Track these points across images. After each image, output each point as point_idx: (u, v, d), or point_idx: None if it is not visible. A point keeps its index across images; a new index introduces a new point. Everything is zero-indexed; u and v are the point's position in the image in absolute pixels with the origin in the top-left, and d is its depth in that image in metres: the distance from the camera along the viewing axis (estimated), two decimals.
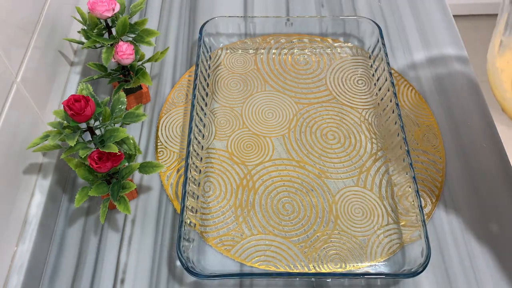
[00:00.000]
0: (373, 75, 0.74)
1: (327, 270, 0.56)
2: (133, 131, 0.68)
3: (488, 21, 1.80)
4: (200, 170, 0.64)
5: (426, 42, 0.79)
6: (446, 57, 0.77)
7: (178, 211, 0.61)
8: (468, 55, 0.77)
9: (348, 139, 0.67)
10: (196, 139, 0.64)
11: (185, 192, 0.56)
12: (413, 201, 0.57)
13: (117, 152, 0.51)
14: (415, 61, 0.77)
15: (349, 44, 0.78)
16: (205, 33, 0.74)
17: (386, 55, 0.71)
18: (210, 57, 0.76)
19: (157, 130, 0.68)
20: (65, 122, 0.53)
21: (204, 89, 0.71)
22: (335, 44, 0.78)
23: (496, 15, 0.52)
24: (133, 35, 0.65)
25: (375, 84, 0.73)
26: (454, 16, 0.83)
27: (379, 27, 0.74)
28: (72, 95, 0.50)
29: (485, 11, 1.81)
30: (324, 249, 0.58)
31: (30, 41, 0.58)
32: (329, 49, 0.78)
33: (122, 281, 0.56)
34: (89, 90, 0.55)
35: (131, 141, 0.55)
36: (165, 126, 0.69)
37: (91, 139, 0.54)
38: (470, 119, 0.70)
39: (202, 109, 0.68)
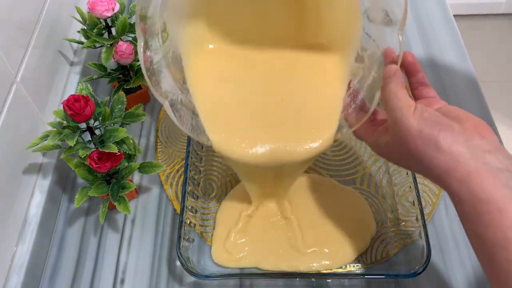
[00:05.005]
0: None
1: (327, 270, 0.56)
2: (133, 131, 0.68)
3: (488, 21, 1.80)
4: (200, 170, 0.64)
5: (426, 42, 0.79)
6: (446, 57, 0.77)
7: (178, 211, 0.61)
8: (468, 55, 0.77)
9: (348, 139, 0.67)
10: None
11: (185, 192, 0.56)
12: (413, 201, 0.57)
13: (117, 152, 0.51)
14: None
15: None
16: None
17: None
18: None
19: (157, 130, 0.68)
20: (65, 122, 0.53)
21: None
22: None
23: (496, 15, 0.51)
24: (133, 35, 0.65)
25: None
26: (454, 16, 0.83)
27: None
28: (71, 95, 0.50)
29: (485, 11, 1.81)
30: None
31: (30, 41, 0.58)
32: None
33: (122, 281, 0.56)
34: (88, 90, 0.55)
35: (131, 141, 0.55)
36: (165, 126, 0.69)
37: (91, 139, 0.54)
38: None
39: None
